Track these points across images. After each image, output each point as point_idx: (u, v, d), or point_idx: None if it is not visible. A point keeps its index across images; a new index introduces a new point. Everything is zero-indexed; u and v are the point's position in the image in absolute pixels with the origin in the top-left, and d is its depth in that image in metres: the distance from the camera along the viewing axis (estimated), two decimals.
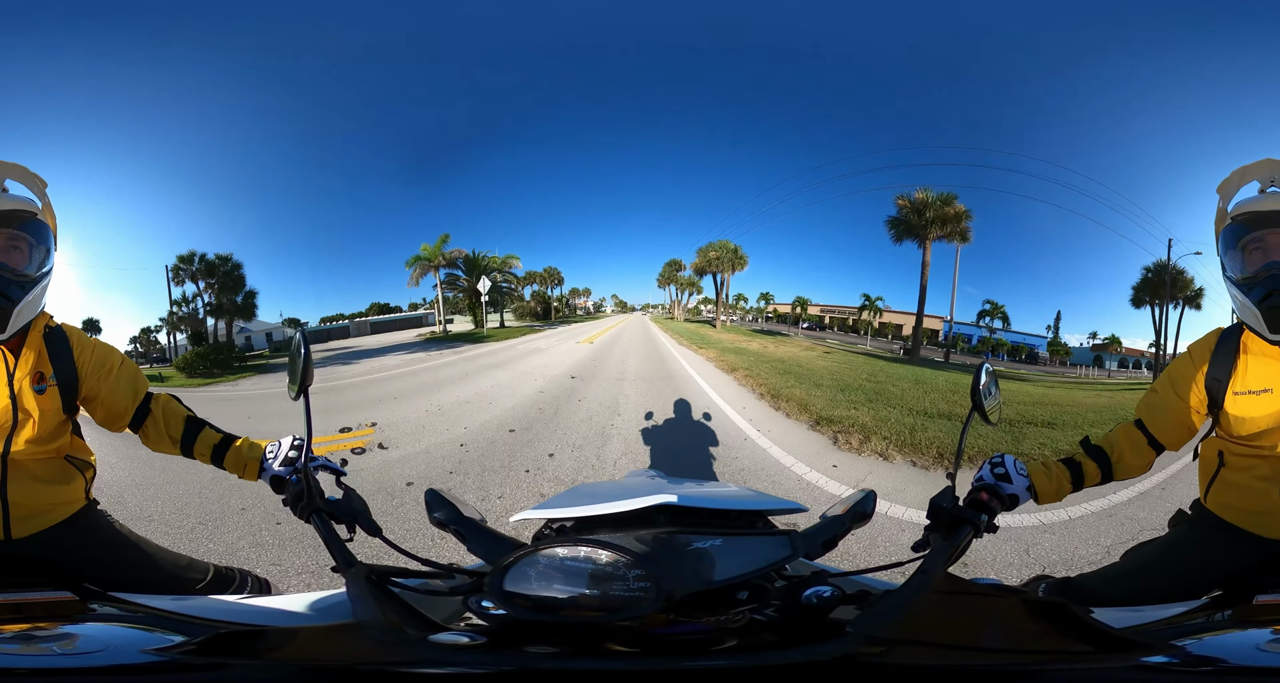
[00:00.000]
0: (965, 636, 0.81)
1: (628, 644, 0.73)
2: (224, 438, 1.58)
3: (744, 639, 0.76)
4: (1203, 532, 1.49)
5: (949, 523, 1.14)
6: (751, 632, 0.79)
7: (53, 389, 1.45)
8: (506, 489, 4.47)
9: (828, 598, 0.81)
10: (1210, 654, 0.88)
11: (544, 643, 0.73)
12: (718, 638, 0.76)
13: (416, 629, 0.76)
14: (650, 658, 0.71)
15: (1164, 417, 1.50)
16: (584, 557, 0.72)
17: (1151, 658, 0.82)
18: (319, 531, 1.12)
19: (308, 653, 0.84)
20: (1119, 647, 0.84)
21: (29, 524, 1.44)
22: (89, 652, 0.89)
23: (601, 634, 0.74)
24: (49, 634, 0.96)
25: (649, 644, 0.75)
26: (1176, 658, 0.84)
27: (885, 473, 5.17)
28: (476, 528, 0.92)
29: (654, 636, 0.76)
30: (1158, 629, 1.07)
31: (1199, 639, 0.98)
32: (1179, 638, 0.94)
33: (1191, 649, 0.89)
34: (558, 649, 0.72)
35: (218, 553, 3.37)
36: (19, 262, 1.43)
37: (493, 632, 0.79)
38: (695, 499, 0.86)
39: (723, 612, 0.77)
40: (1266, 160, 1.43)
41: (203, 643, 0.88)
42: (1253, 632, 1.05)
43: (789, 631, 0.81)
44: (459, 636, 0.75)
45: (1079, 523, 3.84)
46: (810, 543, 0.86)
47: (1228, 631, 1.09)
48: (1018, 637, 0.85)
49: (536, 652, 0.71)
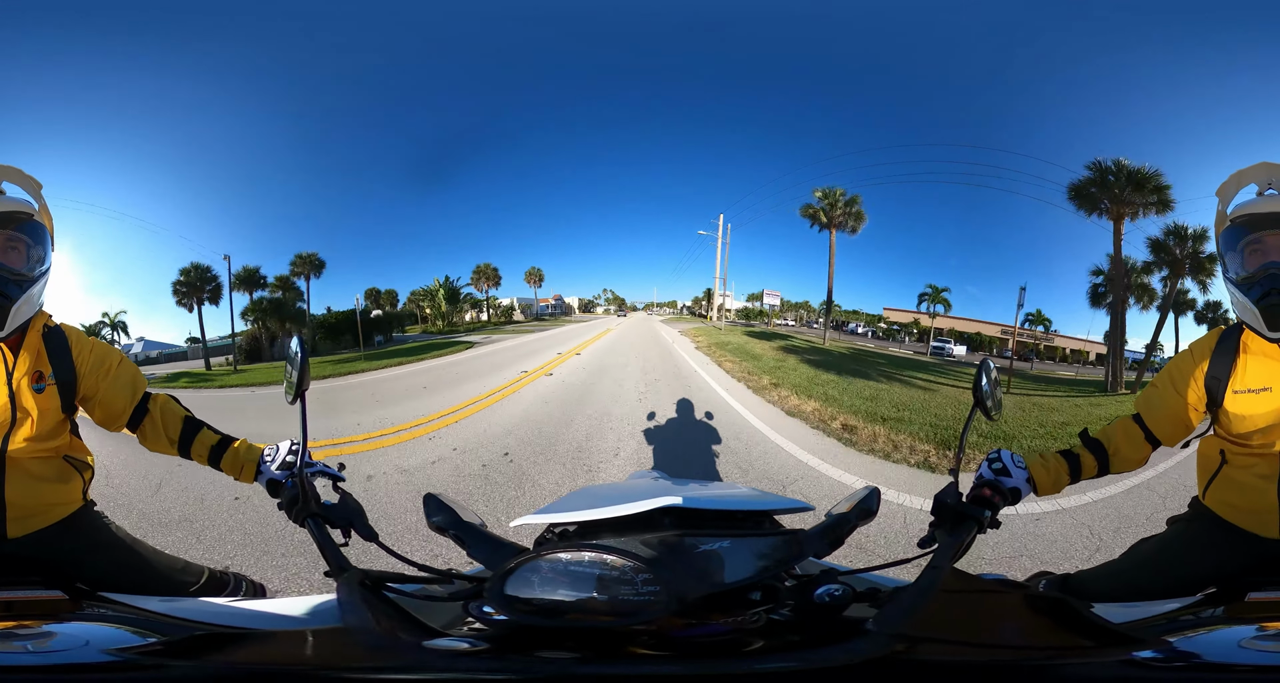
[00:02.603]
0: (977, 632, 0.81)
1: (648, 648, 0.72)
2: (222, 439, 1.58)
3: (769, 640, 0.76)
4: (1200, 529, 1.51)
5: (953, 519, 1.15)
6: (772, 632, 0.78)
7: (51, 388, 1.46)
8: None
9: (840, 596, 0.81)
10: (1190, 650, 0.89)
11: (555, 649, 0.72)
12: (740, 639, 0.75)
13: (411, 635, 0.75)
14: (677, 661, 0.71)
15: (1162, 412, 1.52)
16: (589, 561, 0.72)
17: (1139, 653, 0.83)
18: (313, 535, 1.11)
19: (285, 656, 0.83)
20: (1112, 641, 0.85)
21: (26, 524, 1.44)
22: (53, 650, 0.90)
23: (617, 639, 0.73)
24: (28, 632, 0.96)
25: (671, 647, 0.74)
26: (1161, 653, 0.86)
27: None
28: (476, 533, 0.91)
29: (675, 639, 0.75)
30: (1151, 625, 1.08)
31: (1186, 636, 1.00)
32: (1169, 634, 0.96)
33: (1176, 645, 0.90)
34: (575, 655, 0.71)
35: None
36: (16, 261, 1.45)
37: (495, 638, 0.78)
38: (699, 501, 0.85)
39: (738, 613, 0.77)
40: (1263, 164, 1.45)
41: (171, 643, 0.88)
42: (1238, 629, 1.06)
43: (808, 630, 0.80)
44: (457, 641, 0.74)
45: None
46: (818, 542, 0.86)
47: (1216, 627, 1.10)
48: (1024, 632, 0.86)
49: (551, 657, 0.70)
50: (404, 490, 4.35)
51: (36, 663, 0.84)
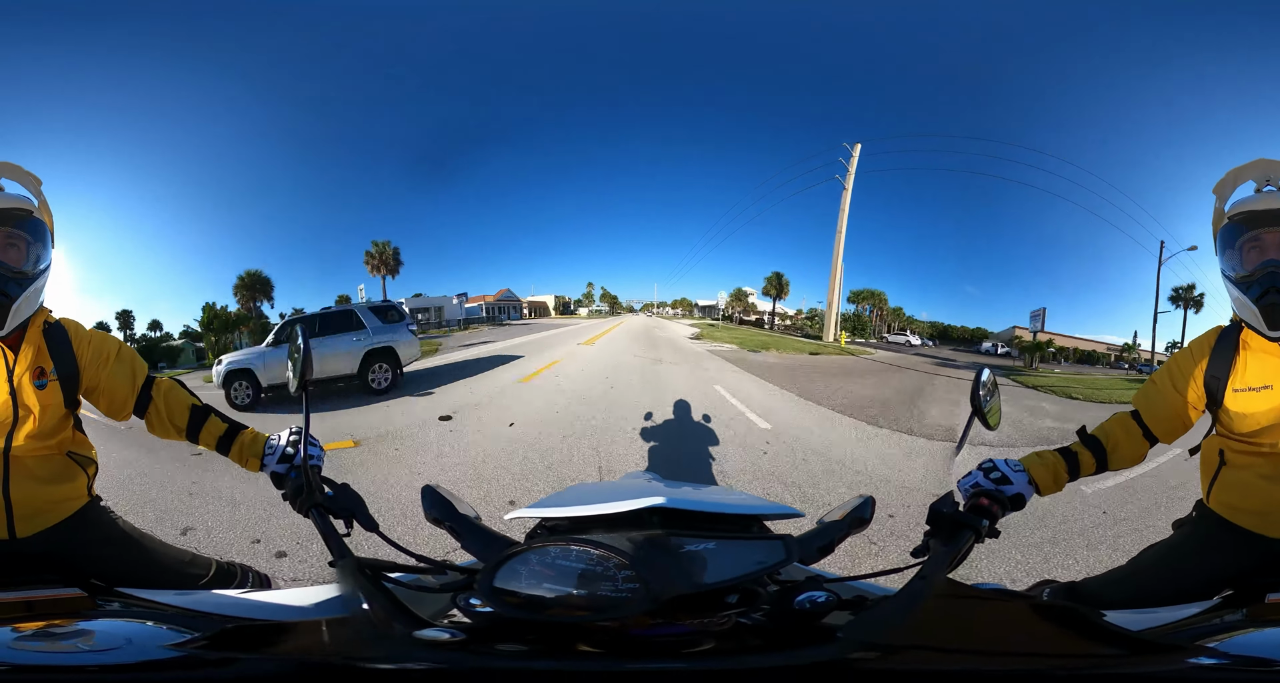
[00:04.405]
0: (970, 641, 0.80)
1: (604, 645, 0.73)
2: (229, 428, 1.56)
3: (724, 642, 0.76)
4: (1207, 533, 1.48)
5: (950, 528, 1.13)
6: (736, 635, 0.78)
7: (54, 384, 1.46)
8: None
9: (821, 603, 0.80)
10: (1247, 654, 0.86)
11: (520, 642, 0.73)
12: (697, 640, 0.75)
13: (404, 625, 0.76)
14: (624, 659, 0.71)
15: (1160, 409, 1.50)
16: (575, 555, 0.72)
17: (1199, 659, 0.81)
18: (317, 525, 1.13)
19: (306, 647, 0.84)
20: (1152, 650, 0.82)
21: (33, 522, 1.44)
22: (111, 648, 0.90)
23: (580, 634, 0.74)
24: (67, 631, 0.97)
25: (627, 646, 0.74)
26: (1224, 660, 0.83)
27: None
28: (471, 525, 0.93)
29: (633, 637, 0.75)
30: (1177, 630, 1.05)
31: (1234, 638, 0.96)
32: (1202, 639, 0.93)
33: (1226, 649, 0.87)
34: (529, 648, 0.72)
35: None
36: (16, 259, 1.44)
37: (474, 630, 0.78)
38: (689, 502, 0.85)
39: (708, 615, 0.76)
40: (1260, 161, 1.44)
41: (213, 637, 0.89)
42: (1271, 630, 1.04)
43: (775, 635, 0.80)
44: (442, 632, 0.75)
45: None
46: (805, 548, 0.86)
47: (1247, 630, 1.06)
48: (1032, 641, 0.84)
49: (507, 650, 0.72)
50: None
51: (101, 662, 0.85)
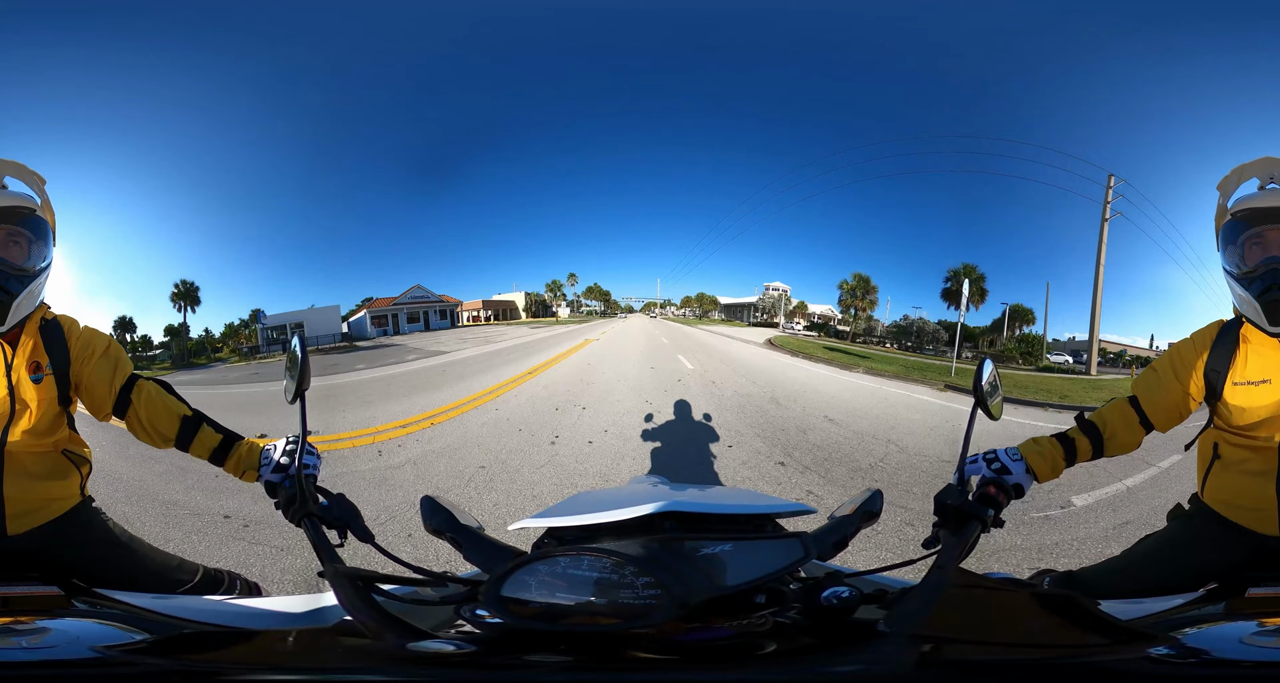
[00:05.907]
0: (994, 631, 0.80)
1: (650, 652, 0.70)
2: (224, 440, 1.50)
3: (780, 644, 0.74)
4: (1199, 526, 1.51)
5: (957, 519, 1.15)
6: (781, 635, 0.77)
7: (49, 378, 1.45)
8: None
9: (848, 598, 0.79)
10: (1197, 647, 0.89)
11: (547, 652, 0.70)
12: (747, 642, 0.74)
13: (398, 636, 0.73)
14: (681, 668, 0.69)
15: (1160, 397, 1.52)
16: (588, 564, 0.70)
17: (1154, 650, 0.82)
18: (309, 535, 1.09)
19: (270, 656, 0.82)
20: (1127, 639, 0.84)
21: (25, 521, 1.43)
22: (45, 647, 0.90)
23: (615, 643, 0.71)
24: (23, 629, 0.96)
25: (675, 651, 0.72)
26: (1174, 650, 0.85)
27: None
28: (473, 536, 0.90)
29: (680, 643, 0.73)
30: (1159, 621, 1.08)
31: (1193, 631, 1.00)
32: (1175, 630, 0.96)
33: (1185, 642, 0.89)
34: (569, 659, 0.69)
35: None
36: (18, 256, 1.44)
37: (484, 641, 0.75)
38: (700, 505, 0.84)
39: (743, 616, 0.75)
40: (1265, 158, 1.45)
41: (157, 641, 0.88)
42: (1239, 624, 1.06)
43: (818, 632, 0.79)
44: (444, 644, 0.72)
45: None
46: (821, 544, 0.85)
47: (1217, 623, 1.10)
48: (1041, 630, 0.85)
49: (542, 661, 0.68)
50: None
51: (29, 659, 0.85)
